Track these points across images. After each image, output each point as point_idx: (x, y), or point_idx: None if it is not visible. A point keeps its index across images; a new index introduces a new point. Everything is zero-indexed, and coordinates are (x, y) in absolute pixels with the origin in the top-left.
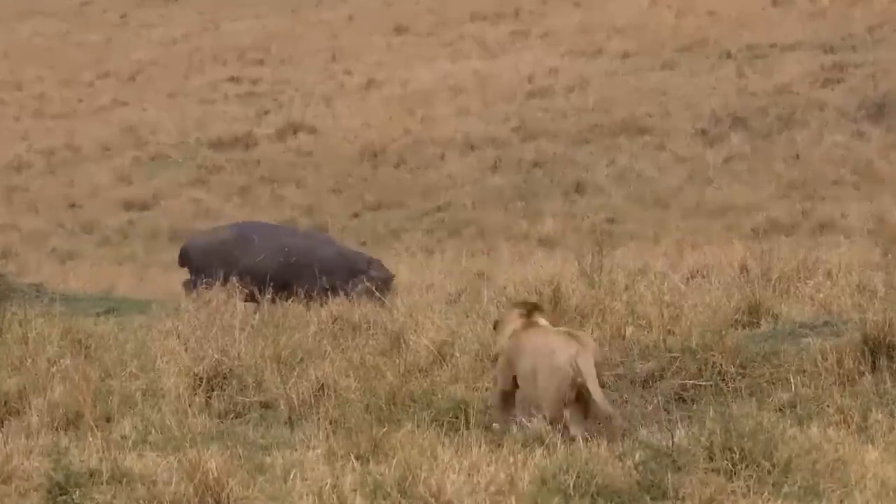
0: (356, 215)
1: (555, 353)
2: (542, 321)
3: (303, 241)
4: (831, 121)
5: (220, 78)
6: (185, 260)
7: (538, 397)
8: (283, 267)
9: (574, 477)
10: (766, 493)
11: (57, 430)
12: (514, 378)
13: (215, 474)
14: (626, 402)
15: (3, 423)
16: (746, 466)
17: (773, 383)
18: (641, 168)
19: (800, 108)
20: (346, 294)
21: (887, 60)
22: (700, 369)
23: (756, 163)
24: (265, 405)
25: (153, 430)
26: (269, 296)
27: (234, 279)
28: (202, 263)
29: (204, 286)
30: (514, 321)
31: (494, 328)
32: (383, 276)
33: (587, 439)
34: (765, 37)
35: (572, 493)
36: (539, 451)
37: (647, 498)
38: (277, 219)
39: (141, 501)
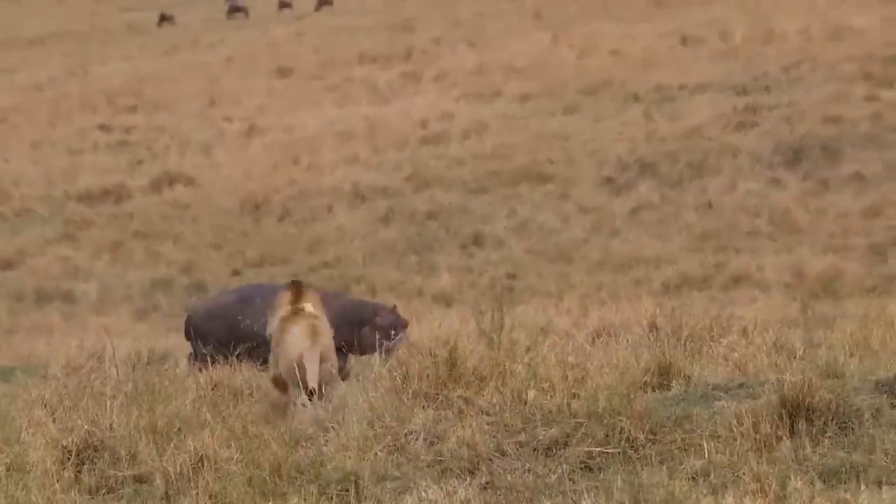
0: (237, 273)
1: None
2: (308, 307)
3: None
4: (745, 167)
5: (88, 125)
6: (187, 329)
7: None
8: None
9: None
10: None
11: None
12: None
13: None
14: (529, 471)
15: None
16: None
17: (686, 450)
18: (543, 219)
19: (712, 154)
20: (354, 350)
21: (803, 102)
22: (607, 435)
23: (665, 212)
24: (140, 479)
25: None
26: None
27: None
28: (204, 331)
29: (197, 362)
30: (284, 307)
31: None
32: (391, 323)
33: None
34: (674, 77)
35: None
36: None
37: None
38: (152, 277)
39: None
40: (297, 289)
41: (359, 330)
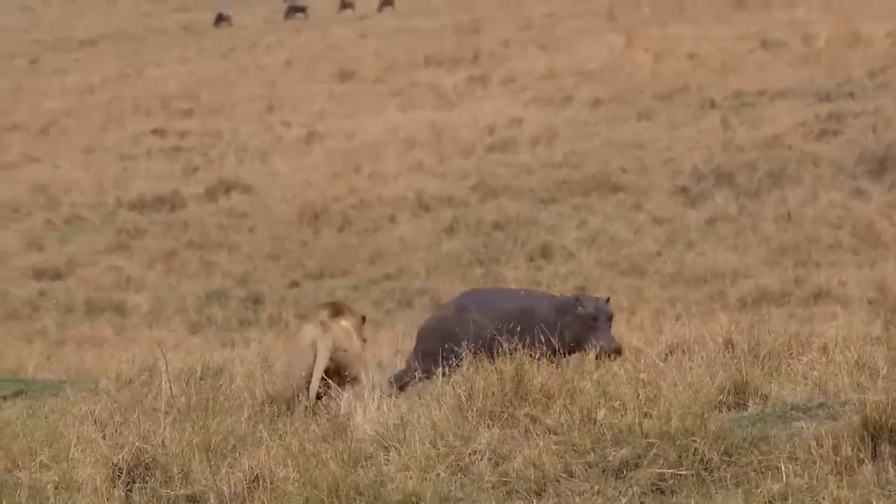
0: (295, 284)
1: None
2: (343, 323)
3: (521, 303)
4: (827, 177)
5: (142, 130)
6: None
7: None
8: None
9: None
10: None
11: None
12: None
13: None
14: (598, 493)
15: None
16: None
17: (762, 472)
18: (615, 230)
19: (792, 163)
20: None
21: (889, 109)
22: (680, 457)
23: (743, 224)
24: (193, 499)
25: None
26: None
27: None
28: (426, 346)
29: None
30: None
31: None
32: (592, 311)
33: None
34: (753, 83)
35: None
36: None
37: None
38: (207, 288)
39: None
40: (335, 307)
41: (562, 321)
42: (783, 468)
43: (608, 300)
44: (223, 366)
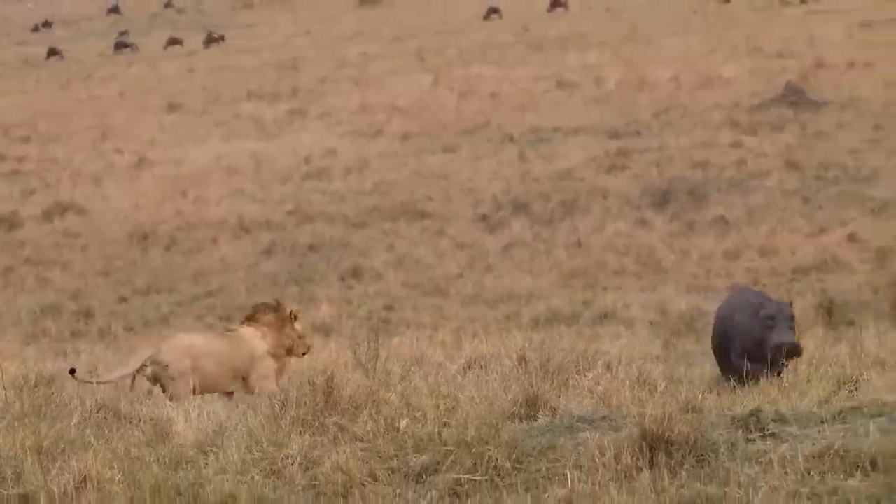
0: (124, 300)
1: None
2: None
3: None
4: (614, 208)
5: None
6: None
7: None
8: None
9: None
10: None
11: None
12: None
13: None
14: (400, 496)
15: None
16: None
17: (550, 478)
18: (420, 254)
19: (583, 195)
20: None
21: (672, 146)
22: (475, 463)
23: (537, 250)
24: (24, 498)
25: None
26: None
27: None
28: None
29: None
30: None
31: None
32: (772, 314)
33: None
34: (549, 120)
35: None
36: None
37: None
38: (42, 303)
39: None
40: (254, 311)
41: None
42: (569, 475)
43: (790, 303)
44: (55, 375)
